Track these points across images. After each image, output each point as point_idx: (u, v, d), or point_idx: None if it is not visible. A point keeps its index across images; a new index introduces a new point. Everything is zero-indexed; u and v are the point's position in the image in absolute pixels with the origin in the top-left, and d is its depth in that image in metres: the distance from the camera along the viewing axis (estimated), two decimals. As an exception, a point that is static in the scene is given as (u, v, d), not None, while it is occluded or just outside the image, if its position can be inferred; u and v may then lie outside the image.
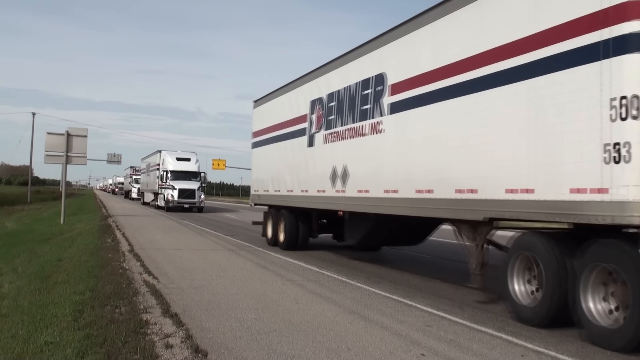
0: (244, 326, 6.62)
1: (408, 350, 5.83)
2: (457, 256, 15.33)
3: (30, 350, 5.46)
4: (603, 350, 6.12)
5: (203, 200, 39.44)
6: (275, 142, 16.10)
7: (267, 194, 16.50)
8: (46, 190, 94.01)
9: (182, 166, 39.58)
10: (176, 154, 40.89)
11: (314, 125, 13.35)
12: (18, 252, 15.26)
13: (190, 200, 38.09)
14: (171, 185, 38.00)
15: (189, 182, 38.61)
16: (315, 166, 13.29)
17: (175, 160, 39.71)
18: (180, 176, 38.49)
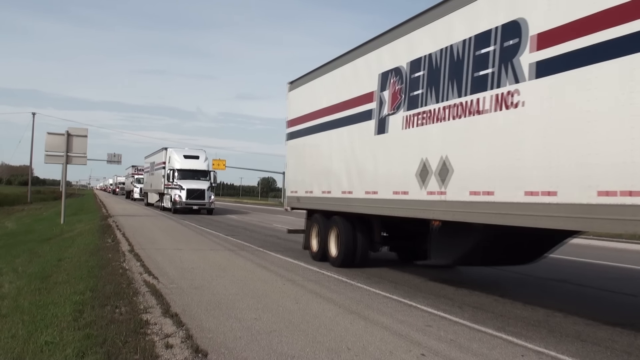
0: (244, 326, 6.62)
1: (408, 350, 5.83)
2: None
3: (30, 350, 5.46)
4: (603, 350, 6.13)
5: (213, 202, 36.53)
6: (324, 131, 12.62)
7: (311, 196, 13.28)
8: (46, 190, 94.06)
9: (191, 164, 36.54)
10: (184, 152, 37.89)
11: (387, 105, 10.06)
12: (18, 252, 15.27)
13: (199, 201, 35.12)
14: (178, 185, 35.05)
15: (198, 182, 35.66)
16: (389, 159, 9.97)
17: (182, 158, 36.73)
18: (188, 175, 35.68)
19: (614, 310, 8.42)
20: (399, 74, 9.87)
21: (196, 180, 35.72)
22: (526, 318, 7.59)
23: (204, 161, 37.52)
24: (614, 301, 9.27)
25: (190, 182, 35.24)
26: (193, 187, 35.05)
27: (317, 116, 13.10)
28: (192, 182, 35.35)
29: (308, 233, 13.40)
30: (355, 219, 11.57)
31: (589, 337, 6.64)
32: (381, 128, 10.27)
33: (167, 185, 36.66)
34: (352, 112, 11.38)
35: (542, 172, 6.71)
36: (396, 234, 11.74)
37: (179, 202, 34.73)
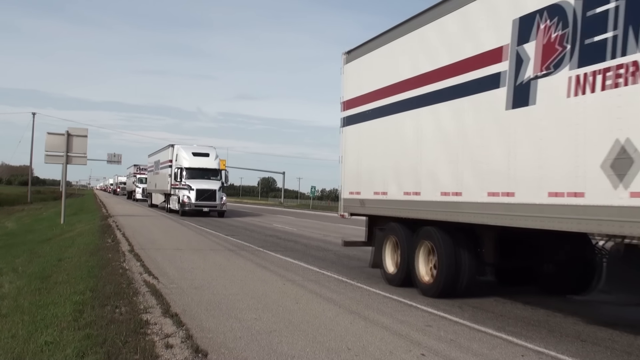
0: (244, 326, 6.62)
1: (408, 350, 5.83)
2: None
3: (31, 350, 5.46)
4: (603, 350, 6.13)
5: (225, 203, 33.17)
6: (408, 110, 9.45)
7: (385, 198, 10.11)
8: (46, 190, 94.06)
9: (200, 162, 33.10)
10: (192, 148, 34.20)
11: (532, 63, 6.92)
12: (18, 252, 15.27)
13: (210, 202, 31.86)
14: (187, 185, 31.80)
15: (208, 182, 32.49)
16: (540, 146, 6.78)
17: (191, 156, 33.24)
18: (198, 174, 32.45)
19: (614, 311, 8.41)
20: (557, 13, 6.67)
21: (206, 180, 32.50)
22: (526, 318, 7.59)
23: (215, 159, 33.93)
24: (614, 301, 9.26)
25: (200, 182, 32.05)
26: (203, 188, 31.72)
27: (395, 91, 9.89)
28: (202, 181, 32.20)
29: (379, 249, 10.36)
30: (457, 232, 8.61)
31: (589, 337, 6.64)
32: (521, 99, 7.09)
33: (174, 185, 33.51)
34: (461, 81, 8.20)
35: None
36: (518, 252, 8.84)
37: (187, 204, 31.42)
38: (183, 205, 31.66)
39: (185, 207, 31.47)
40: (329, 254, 14.32)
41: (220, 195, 32.40)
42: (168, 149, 36.23)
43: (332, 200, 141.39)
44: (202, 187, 31.75)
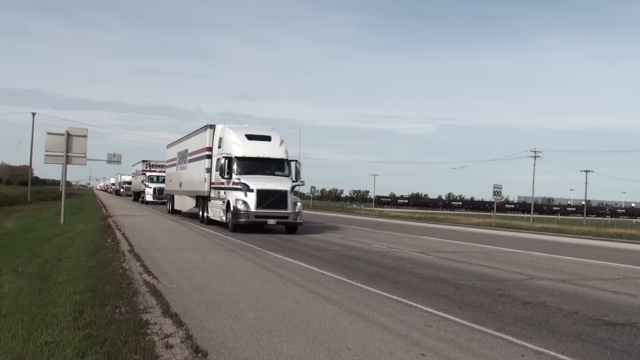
0: (244, 326, 6.62)
1: (408, 350, 5.83)
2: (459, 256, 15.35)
3: (30, 350, 5.46)
4: (603, 350, 6.14)
5: (300, 212, 21.51)
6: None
7: None
8: (46, 190, 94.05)
9: (259, 149, 22.18)
10: (244, 129, 23.32)
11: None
12: (18, 252, 15.27)
13: (278, 211, 20.76)
14: (242, 185, 20.92)
15: (274, 179, 21.57)
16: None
17: (244, 139, 22.21)
18: (256, 167, 21.87)
19: (614, 311, 8.41)
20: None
21: (270, 177, 21.70)
22: (526, 318, 7.59)
23: (280, 144, 22.60)
24: (613, 301, 9.27)
25: (261, 180, 21.25)
26: (268, 188, 20.87)
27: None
28: (263, 178, 21.43)
29: None
30: None
31: (589, 337, 6.64)
32: None
33: (217, 184, 23.05)
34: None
35: None
36: None
37: (243, 213, 20.47)
38: (236, 215, 20.50)
39: (239, 219, 20.39)
40: (329, 254, 14.31)
41: (294, 199, 21.16)
42: (205, 132, 25.22)
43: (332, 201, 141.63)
44: (266, 188, 20.81)
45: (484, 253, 16.59)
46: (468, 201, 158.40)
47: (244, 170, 21.59)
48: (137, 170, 62.35)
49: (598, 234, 31.00)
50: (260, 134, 22.86)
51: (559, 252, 18.26)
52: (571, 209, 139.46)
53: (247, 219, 20.49)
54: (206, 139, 25.00)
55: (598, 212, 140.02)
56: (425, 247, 17.89)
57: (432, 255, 15.16)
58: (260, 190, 20.68)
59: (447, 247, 18.62)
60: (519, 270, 12.74)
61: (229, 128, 23.09)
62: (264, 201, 20.63)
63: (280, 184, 21.29)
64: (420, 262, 13.56)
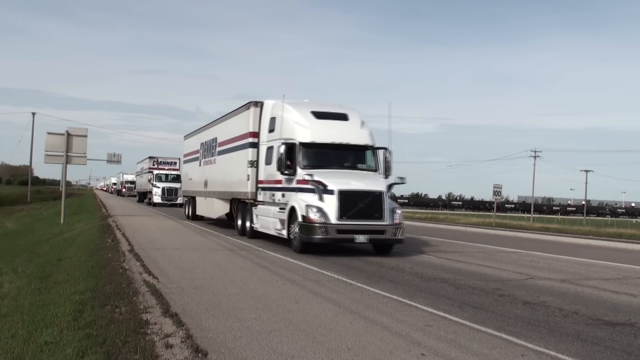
0: (244, 326, 6.62)
1: (408, 350, 5.83)
2: (458, 256, 15.35)
3: (30, 350, 5.46)
4: (603, 350, 6.14)
5: (402, 225, 14.54)
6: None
7: None
8: (46, 190, 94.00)
9: (335, 133, 15.63)
10: (309, 105, 16.53)
11: None
12: (18, 252, 15.27)
13: (371, 223, 14.05)
14: (316, 184, 14.09)
15: (360, 176, 15.10)
16: None
17: (311, 119, 15.67)
18: (329, 159, 15.42)
19: (614, 310, 8.41)
20: None
21: (352, 172, 15.34)
22: (526, 318, 7.59)
23: (361, 126, 16.12)
24: (613, 301, 9.27)
25: (341, 176, 14.62)
26: (355, 189, 14.16)
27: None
28: (344, 175, 14.90)
29: None
30: None
31: (589, 337, 6.64)
32: None
33: (271, 183, 16.45)
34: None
35: None
36: None
37: (320, 226, 13.74)
38: (308, 228, 13.79)
39: (313, 234, 13.75)
40: (329, 254, 14.29)
41: (391, 205, 14.49)
42: (247, 112, 18.30)
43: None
44: (353, 188, 14.08)
45: (484, 253, 16.59)
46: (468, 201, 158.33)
47: (313, 163, 14.91)
48: (143, 168, 55.16)
49: (598, 234, 31.00)
50: (333, 111, 16.12)
51: (559, 251, 18.27)
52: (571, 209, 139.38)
53: (324, 234, 13.56)
54: (249, 122, 17.95)
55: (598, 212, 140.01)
56: (425, 246, 17.89)
57: (432, 255, 15.16)
58: (345, 192, 13.74)
59: (447, 246, 18.62)
60: (519, 270, 12.74)
61: (288, 105, 15.92)
62: (350, 208, 13.71)
63: (370, 182, 14.45)
64: (420, 262, 13.55)
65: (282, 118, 15.82)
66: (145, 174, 52.48)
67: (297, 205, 14.22)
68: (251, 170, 17.68)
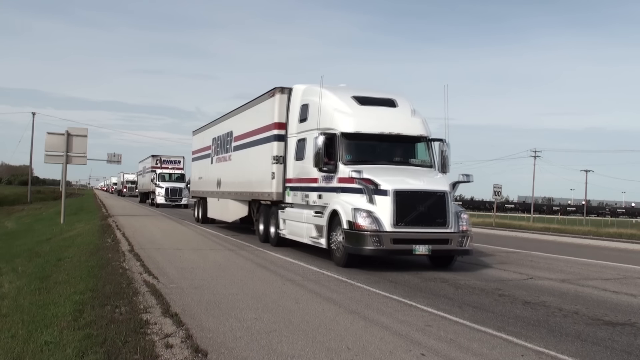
0: (244, 326, 6.62)
1: (408, 350, 5.83)
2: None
3: (30, 350, 5.46)
4: (603, 350, 6.14)
5: (469, 233, 11.98)
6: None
7: None
8: (46, 190, 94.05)
9: (383, 121, 13.02)
10: (349, 89, 13.91)
11: None
12: (18, 252, 15.28)
13: (433, 230, 11.53)
14: (364, 183, 11.48)
15: (416, 173, 12.49)
16: None
17: (354, 105, 13.12)
18: (377, 153, 13.07)
19: (614, 310, 8.42)
20: None
21: (405, 168, 12.97)
22: (526, 318, 7.59)
23: (413, 114, 13.62)
24: (613, 301, 9.27)
25: (395, 174, 12.33)
26: (414, 189, 11.70)
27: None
28: (397, 171, 12.62)
29: None
30: None
31: (589, 337, 6.64)
32: None
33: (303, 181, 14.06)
34: None
35: None
36: None
37: (371, 234, 11.13)
38: (356, 237, 11.33)
39: (363, 245, 11.25)
40: (328, 254, 14.29)
41: (456, 209, 12.08)
42: (271, 100, 15.83)
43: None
44: (412, 188, 11.75)
45: (484, 253, 16.59)
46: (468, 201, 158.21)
47: (357, 157, 12.57)
48: (145, 167, 52.36)
49: (598, 234, 30.98)
50: (378, 96, 13.65)
51: (559, 251, 18.27)
52: (571, 209, 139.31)
53: (377, 245, 11.09)
54: (274, 111, 15.58)
55: (598, 211, 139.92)
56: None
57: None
58: (402, 193, 11.37)
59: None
60: (519, 270, 12.74)
61: (326, 90, 13.28)
62: (408, 212, 11.32)
63: (429, 180, 12.14)
64: (420, 262, 13.55)
65: (318, 105, 13.23)
66: (148, 173, 49.97)
67: (340, 208, 11.72)
68: (276, 167, 15.29)
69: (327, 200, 12.56)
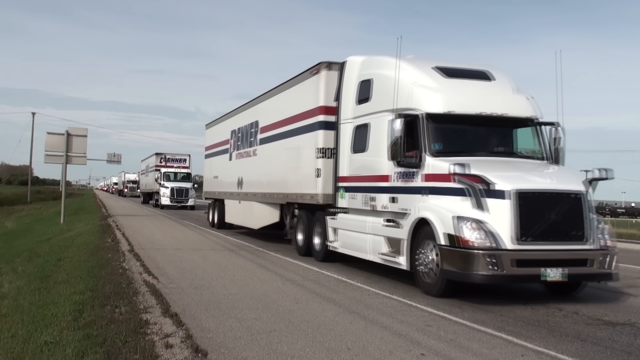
0: (244, 326, 6.62)
1: (408, 350, 5.83)
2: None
3: (30, 350, 5.46)
4: (603, 350, 6.14)
5: (614, 251, 8.80)
6: None
7: None
8: (46, 190, 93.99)
9: (479, 99, 9.81)
10: (425, 60, 10.83)
11: None
12: (18, 252, 15.27)
13: (568, 247, 8.42)
14: (469, 181, 8.48)
15: (532, 168, 9.53)
16: None
17: (439, 77, 10.00)
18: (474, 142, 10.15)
19: (614, 310, 8.41)
20: None
21: (513, 161, 9.88)
22: (526, 318, 7.59)
23: (514, 91, 10.25)
24: (613, 301, 9.26)
25: (505, 168, 9.22)
26: (537, 188, 8.52)
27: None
28: (506, 165, 9.49)
29: None
30: None
31: (589, 337, 6.64)
32: None
33: (366, 180, 10.94)
34: None
35: None
36: None
37: (485, 253, 8.03)
38: (461, 258, 8.23)
39: (474, 269, 8.10)
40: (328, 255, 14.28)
41: (592, 218, 8.76)
42: (314, 78, 13.00)
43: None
44: (538, 188, 8.56)
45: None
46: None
47: (449, 146, 9.78)
48: (149, 165, 49.15)
49: (598, 234, 30.87)
50: (467, 67, 10.72)
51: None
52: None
53: (494, 269, 8.13)
54: (318, 92, 12.70)
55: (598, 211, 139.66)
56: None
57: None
58: (527, 195, 8.43)
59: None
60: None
61: (405, 62, 10.33)
62: (536, 222, 8.40)
63: (557, 177, 9.31)
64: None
65: (391, 79, 9.98)
66: (152, 172, 46.61)
67: (433, 216, 8.76)
68: (323, 162, 12.39)
69: (406, 204, 9.62)
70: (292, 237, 14.45)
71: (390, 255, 9.97)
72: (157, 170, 43.97)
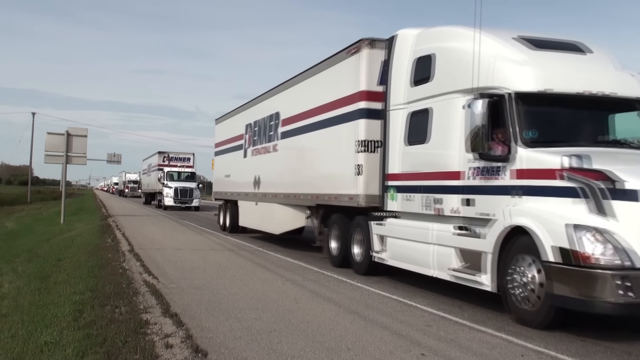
0: (244, 326, 6.62)
1: (408, 350, 5.83)
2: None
3: (30, 350, 5.46)
4: (603, 350, 6.14)
5: None
6: None
7: None
8: (46, 190, 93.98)
9: (577, 76, 7.81)
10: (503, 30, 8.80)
11: None
12: (18, 252, 15.27)
13: None
14: (587, 180, 6.48)
15: None
16: None
17: (526, 49, 8.02)
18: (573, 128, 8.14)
19: (613, 310, 8.38)
20: None
21: (628, 151, 7.78)
22: (526, 318, 7.57)
23: (616, 66, 8.33)
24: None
25: (624, 161, 7.13)
26: None
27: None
28: (621, 157, 7.39)
29: None
30: None
31: (589, 337, 6.64)
32: None
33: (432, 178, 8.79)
34: None
35: None
36: None
37: (614, 272, 6.05)
38: (581, 280, 6.23)
39: (601, 295, 6.11)
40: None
41: None
42: (356, 57, 10.93)
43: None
44: None
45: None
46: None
47: (546, 135, 7.82)
48: (151, 165, 47.18)
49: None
50: (557, 38, 8.79)
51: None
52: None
53: (627, 294, 6.07)
54: (359, 75, 10.87)
55: None
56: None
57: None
58: None
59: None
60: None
61: (467, 30, 8.23)
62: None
63: None
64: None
65: (476, 52, 7.78)
66: (154, 171, 44.51)
67: (534, 224, 6.81)
68: (365, 157, 10.59)
69: (487, 208, 7.72)
70: (323, 244, 12.43)
71: (465, 272, 7.99)
72: (160, 170, 41.96)
